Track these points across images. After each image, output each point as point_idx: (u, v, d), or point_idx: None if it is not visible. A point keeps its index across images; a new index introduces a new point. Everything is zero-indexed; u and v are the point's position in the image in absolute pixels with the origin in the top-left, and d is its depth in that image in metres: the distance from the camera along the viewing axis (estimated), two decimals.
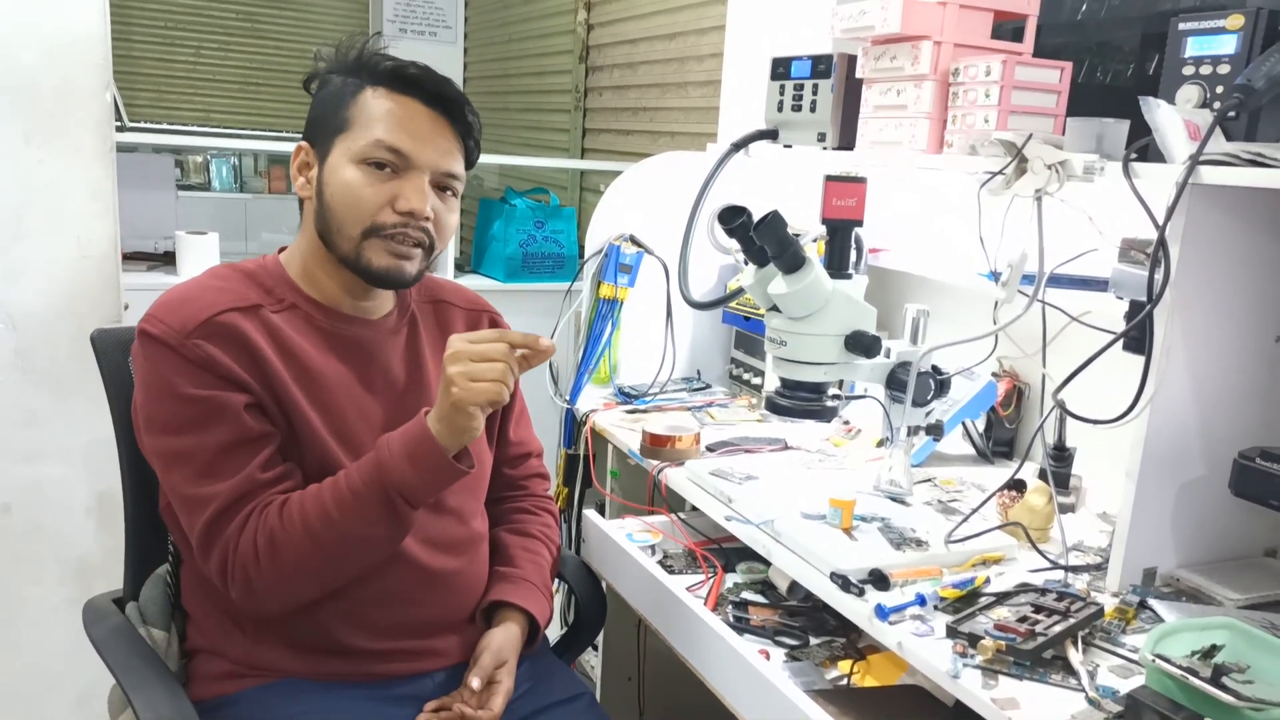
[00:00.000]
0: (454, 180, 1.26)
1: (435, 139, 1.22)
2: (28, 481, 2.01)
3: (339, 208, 1.20)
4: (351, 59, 1.24)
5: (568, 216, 3.20)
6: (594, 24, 3.64)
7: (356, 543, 1.16)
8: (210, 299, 1.19)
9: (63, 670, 2.07)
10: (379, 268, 1.21)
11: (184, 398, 1.14)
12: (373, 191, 1.19)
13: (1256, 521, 1.31)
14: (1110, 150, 1.25)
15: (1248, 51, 1.17)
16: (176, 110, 5.06)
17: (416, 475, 1.13)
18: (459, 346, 1.12)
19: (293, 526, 1.14)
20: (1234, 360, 1.24)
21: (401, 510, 1.15)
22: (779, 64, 1.84)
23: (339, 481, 1.16)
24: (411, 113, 1.21)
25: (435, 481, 1.15)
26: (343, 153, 1.20)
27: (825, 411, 1.38)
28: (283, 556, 1.13)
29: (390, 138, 1.19)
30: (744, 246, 1.34)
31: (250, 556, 1.14)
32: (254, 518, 1.14)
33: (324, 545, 1.14)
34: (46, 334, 1.97)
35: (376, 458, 1.15)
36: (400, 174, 1.20)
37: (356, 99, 1.21)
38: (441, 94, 1.23)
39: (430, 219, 1.22)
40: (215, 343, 1.15)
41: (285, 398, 1.18)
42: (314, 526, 1.14)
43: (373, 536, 1.16)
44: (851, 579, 1.21)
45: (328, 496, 1.15)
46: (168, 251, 2.75)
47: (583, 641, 1.56)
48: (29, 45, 1.87)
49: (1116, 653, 1.10)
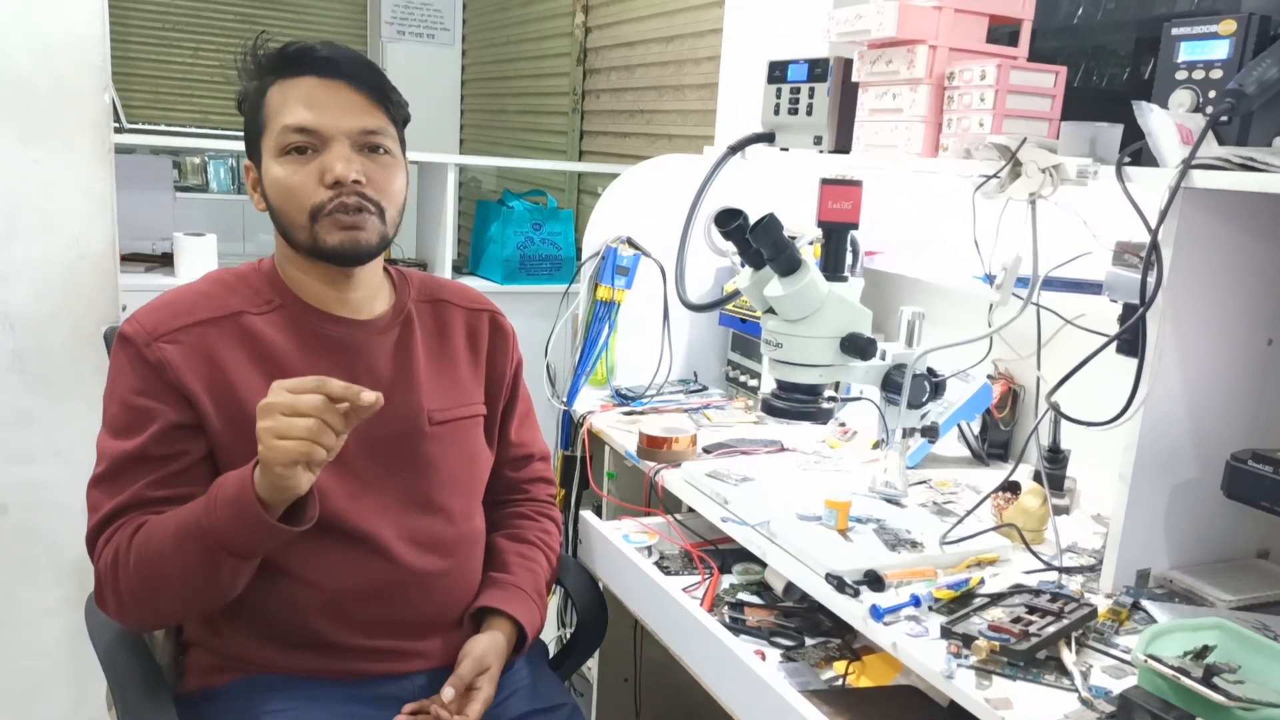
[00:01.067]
0: (377, 136, 1.23)
1: (338, 103, 1.22)
2: (23, 482, 2.01)
3: (281, 205, 1.23)
4: (252, 65, 1.26)
5: (565, 219, 3.20)
6: (591, 27, 3.64)
7: (190, 582, 1.12)
8: (187, 307, 1.22)
9: (58, 670, 2.07)
10: (333, 245, 1.22)
11: (123, 403, 1.19)
12: (300, 177, 1.21)
13: (1248, 523, 1.32)
14: (1104, 154, 1.26)
15: (1240, 56, 1.18)
16: (174, 111, 5.05)
17: (239, 531, 1.07)
18: (273, 398, 1.03)
19: (136, 551, 1.13)
20: (1226, 363, 1.25)
21: (230, 563, 1.10)
22: (775, 67, 1.85)
23: (181, 516, 1.12)
24: (307, 89, 1.22)
25: (256, 540, 1.09)
26: (268, 153, 1.23)
27: (821, 413, 1.38)
28: (122, 578, 1.14)
29: (293, 119, 1.20)
30: (740, 249, 1.35)
31: (104, 572, 1.16)
32: (116, 534, 1.15)
33: (156, 579, 1.13)
34: (43, 335, 1.97)
35: (205, 503, 1.10)
36: (320, 151, 1.21)
37: (263, 99, 1.24)
38: (329, 59, 1.23)
39: (362, 181, 1.21)
40: (178, 350, 1.18)
41: (242, 409, 1.18)
42: (148, 556, 1.12)
43: (205, 581, 1.12)
44: (847, 580, 1.22)
45: (171, 526, 1.11)
46: (165, 253, 2.75)
47: (580, 655, 1.55)
48: (26, 45, 1.87)
49: (1109, 653, 1.10)
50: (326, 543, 1.21)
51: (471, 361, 1.40)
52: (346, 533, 1.23)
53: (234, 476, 1.09)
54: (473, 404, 1.39)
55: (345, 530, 1.23)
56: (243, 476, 1.08)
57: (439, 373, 1.35)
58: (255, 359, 1.22)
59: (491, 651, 1.29)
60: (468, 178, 4.58)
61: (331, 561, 1.22)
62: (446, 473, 1.33)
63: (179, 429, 1.18)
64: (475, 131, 4.97)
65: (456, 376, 1.37)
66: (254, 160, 1.26)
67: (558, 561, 1.49)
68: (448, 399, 1.35)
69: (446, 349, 1.37)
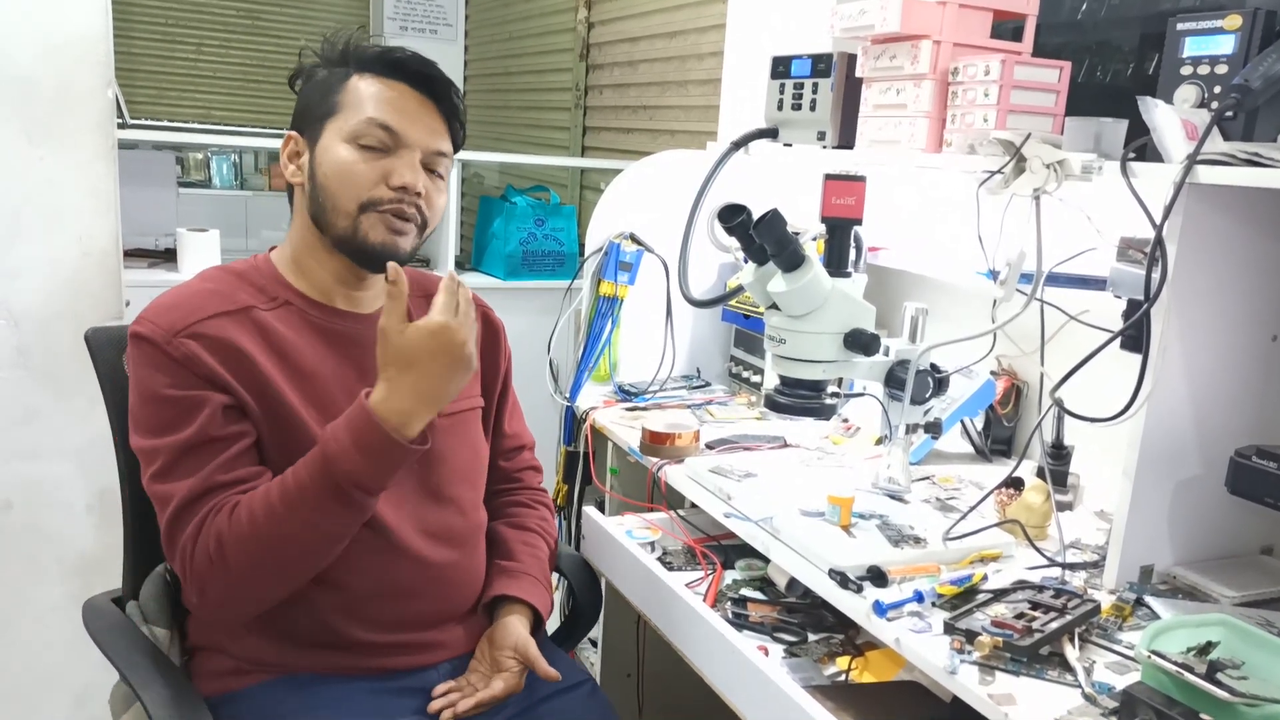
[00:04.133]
0: (442, 160, 1.27)
1: (424, 118, 1.24)
2: (28, 479, 2.02)
3: (334, 185, 1.22)
4: (338, 51, 1.26)
5: (568, 214, 3.20)
6: (594, 22, 3.64)
7: (307, 538, 1.13)
8: (199, 303, 1.20)
9: (62, 668, 2.08)
10: (376, 242, 1.22)
11: (163, 399, 1.16)
12: (367, 167, 1.21)
13: (1252, 519, 1.31)
14: (1108, 149, 1.26)
15: (1245, 51, 1.18)
16: (177, 107, 5.05)
17: (369, 465, 1.11)
18: (454, 320, 1.14)
19: (239, 528, 1.12)
20: (1231, 359, 1.25)
21: (360, 501, 1.13)
22: (779, 63, 1.84)
23: (286, 479, 1.13)
24: (399, 94, 1.24)
25: (390, 467, 1.13)
26: (334, 134, 1.22)
27: (824, 409, 1.38)
28: (231, 559, 1.12)
29: (381, 116, 1.21)
30: (744, 245, 1.34)
31: (203, 561, 1.13)
32: (209, 521, 1.13)
33: (271, 544, 1.12)
34: (47, 331, 1.97)
35: (319, 453, 1.12)
36: (392, 153, 1.22)
37: (345, 85, 1.24)
38: (427, 76, 1.26)
39: (422, 194, 1.24)
40: (201, 344, 1.17)
41: (274, 399, 1.19)
42: (260, 526, 1.11)
43: (326, 530, 1.14)
44: (850, 576, 1.22)
45: (275, 495, 1.13)
46: (169, 249, 2.76)
47: (580, 632, 1.57)
48: (30, 42, 1.88)
49: (1113, 649, 1.10)
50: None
51: None
52: (366, 526, 1.22)
53: (343, 422, 1.12)
54: (472, 396, 1.40)
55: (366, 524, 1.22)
56: (356, 416, 1.11)
57: None
58: (271, 352, 1.21)
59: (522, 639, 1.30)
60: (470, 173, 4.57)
61: (350, 560, 1.22)
62: (455, 464, 1.34)
63: (230, 409, 1.17)
64: (478, 127, 4.97)
65: None
66: (305, 133, 1.26)
67: (555, 545, 1.50)
68: None
69: None
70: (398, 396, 1.12)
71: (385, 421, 1.10)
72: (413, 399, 1.12)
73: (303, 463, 1.13)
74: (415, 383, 1.12)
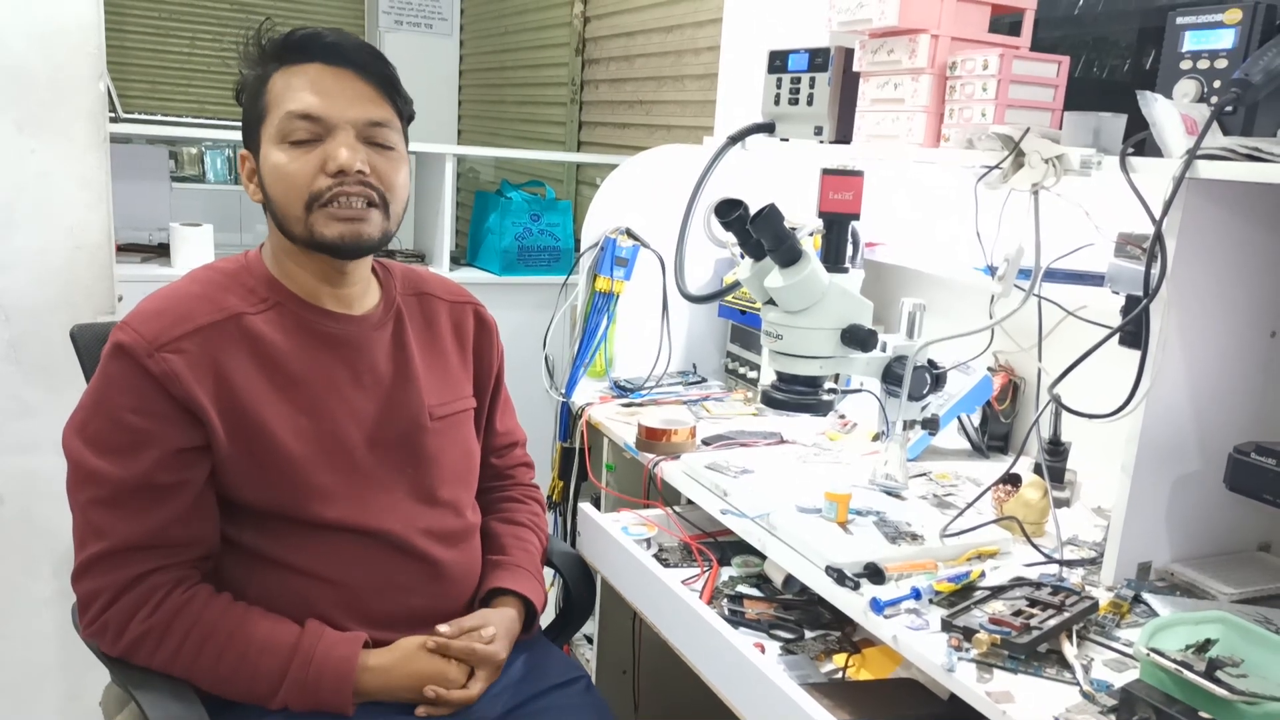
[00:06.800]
0: (382, 130, 1.21)
1: (346, 92, 1.19)
2: (20, 473, 2.01)
3: (279, 193, 1.19)
4: (255, 52, 1.23)
5: (564, 209, 3.19)
6: (590, 16, 3.62)
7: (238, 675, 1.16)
8: (186, 310, 1.17)
9: (54, 662, 2.07)
10: (332, 238, 1.19)
11: (120, 422, 1.13)
12: (300, 164, 1.18)
13: (1251, 516, 1.31)
14: (1107, 144, 1.25)
15: (1245, 46, 1.17)
16: (170, 101, 5.03)
17: (317, 698, 1.16)
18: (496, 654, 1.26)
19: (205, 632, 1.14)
20: (1230, 355, 1.24)
21: (292, 699, 1.16)
22: (776, 57, 1.83)
23: (259, 632, 1.16)
24: (314, 75, 1.19)
25: (322, 699, 1.16)
26: (268, 140, 1.20)
27: (821, 405, 1.38)
28: (172, 642, 1.14)
29: (299, 106, 1.17)
30: (740, 240, 1.34)
31: (156, 625, 1.13)
32: (172, 594, 1.14)
33: (206, 658, 1.15)
34: (39, 325, 1.96)
35: (295, 653, 1.15)
36: (323, 139, 1.18)
37: (266, 86, 1.20)
38: (338, 46, 1.20)
39: (366, 171, 1.19)
40: (184, 359, 1.14)
41: (248, 418, 1.17)
42: (208, 642, 1.14)
43: (251, 684, 1.16)
44: (847, 572, 1.21)
45: (239, 637, 1.15)
46: (162, 243, 2.74)
47: (574, 625, 1.57)
48: (21, 33, 1.86)
49: (1111, 647, 1.10)
50: (340, 543, 1.22)
51: (459, 354, 1.40)
52: (359, 532, 1.23)
53: (334, 662, 1.16)
54: (464, 397, 1.39)
55: (358, 530, 1.23)
56: (344, 670, 1.17)
57: (432, 367, 1.35)
58: (258, 363, 1.19)
59: (501, 622, 1.30)
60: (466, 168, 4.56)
61: (348, 556, 1.22)
62: (448, 467, 1.33)
63: (182, 454, 1.15)
64: (473, 122, 4.95)
65: (448, 370, 1.38)
66: (251, 149, 1.24)
67: (547, 540, 1.50)
68: (443, 394, 1.35)
69: (436, 343, 1.37)
70: (386, 678, 1.20)
71: (361, 692, 1.18)
72: (391, 689, 1.20)
73: (283, 632, 1.17)
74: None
